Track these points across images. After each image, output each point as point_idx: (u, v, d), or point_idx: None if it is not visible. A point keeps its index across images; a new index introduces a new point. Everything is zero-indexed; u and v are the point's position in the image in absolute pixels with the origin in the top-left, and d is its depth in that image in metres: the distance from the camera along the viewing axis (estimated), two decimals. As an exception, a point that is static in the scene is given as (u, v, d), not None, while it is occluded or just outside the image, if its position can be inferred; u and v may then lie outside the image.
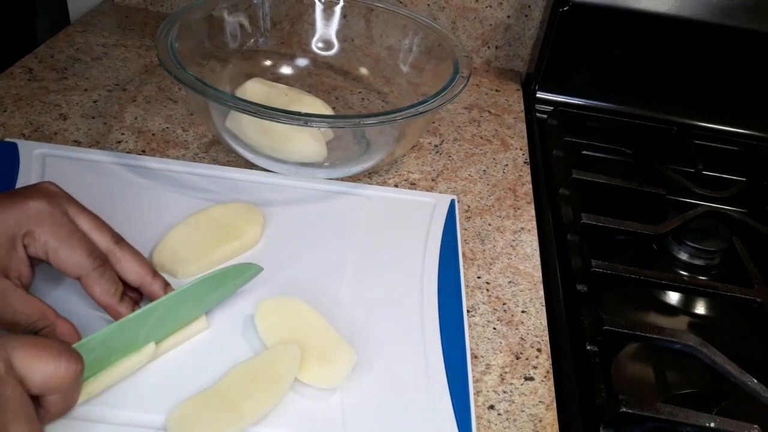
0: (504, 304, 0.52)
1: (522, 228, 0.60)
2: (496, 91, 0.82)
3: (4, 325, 0.39)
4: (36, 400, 0.33)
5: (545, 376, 0.46)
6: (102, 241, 0.42)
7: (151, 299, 0.43)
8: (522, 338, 0.49)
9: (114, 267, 0.43)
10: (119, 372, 0.40)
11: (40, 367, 0.33)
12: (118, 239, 0.43)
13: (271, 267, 0.49)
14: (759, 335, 0.55)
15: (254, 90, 0.61)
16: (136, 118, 0.66)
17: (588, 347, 0.48)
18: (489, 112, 0.77)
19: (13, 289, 0.39)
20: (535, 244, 0.58)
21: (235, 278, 0.46)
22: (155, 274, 0.44)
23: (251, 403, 0.38)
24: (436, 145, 0.69)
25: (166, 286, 0.44)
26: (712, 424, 0.42)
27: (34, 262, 0.41)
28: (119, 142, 0.62)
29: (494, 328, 0.49)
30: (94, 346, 0.38)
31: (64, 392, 0.34)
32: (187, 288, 0.42)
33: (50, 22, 0.92)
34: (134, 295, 0.44)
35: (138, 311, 0.40)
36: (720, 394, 0.49)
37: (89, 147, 0.61)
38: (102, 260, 0.41)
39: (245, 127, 0.57)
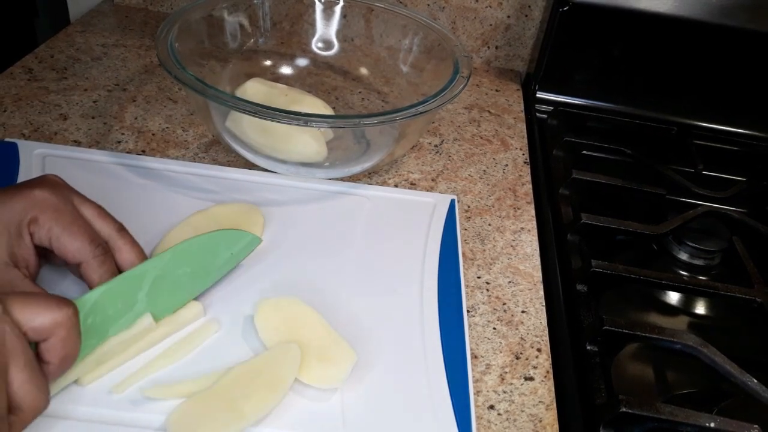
0: (504, 304, 0.52)
1: (522, 228, 0.60)
2: (496, 91, 0.82)
3: None
4: (37, 355, 0.34)
5: (545, 376, 0.46)
6: (104, 228, 0.43)
7: None
8: (522, 338, 0.49)
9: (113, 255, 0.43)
10: (121, 346, 0.40)
11: (33, 310, 0.34)
12: (120, 228, 0.44)
13: (271, 267, 0.50)
14: (759, 335, 0.55)
15: (254, 90, 0.61)
16: (136, 118, 0.66)
17: (588, 347, 0.48)
18: (489, 112, 0.77)
19: (21, 279, 0.40)
20: (535, 244, 0.58)
21: (230, 246, 0.46)
22: None
23: (251, 403, 0.38)
24: (436, 145, 0.69)
25: None
26: (712, 424, 0.42)
27: (40, 253, 0.42)
28: (119, 142, 0.62)
29: (494, 328, 0.49)
30: (90, 305, 0.39)
31: (61, 336, 0.35)
32: (179, 247, 0.43)
33: (50, 22, 0.92)
34: None
35: (132, 269, 0.41)
36: (720, 394, 0.49)
37: (89, 147, 0.61)
38: (103, 249, 0.42)
39: (245, 127, 0.57)
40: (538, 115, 0.78)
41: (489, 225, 0.59)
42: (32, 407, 0.33)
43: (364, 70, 0.73)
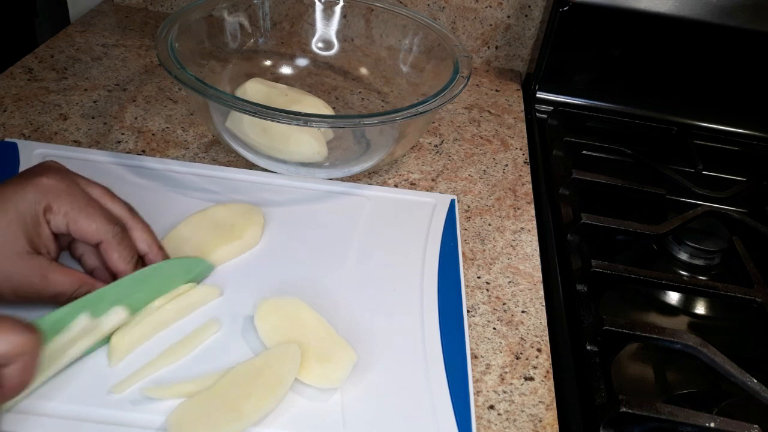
0: (504, 304, 0.52)
1: (522, 228, 0.60)
2: (496, 91, 0.82)
3: (46, 299, 0.40)
4: None
5: (545, 376, 0.46)
6: (116, 209, 0.44)
7: None
8: (522, 338, 0.49)
9: None
10: (64, 347, 0.39)
11: None
12: (130, 208, 0.45)
13: (271, 267, 0.50)
14: (759, 335, 0.55)
15: (254, 90, 0.61)
16: (136, 118, 0.66)
17: (588, 347, 0.48)
18: (489, 112, 0.77)
19: (49, 263, 0.41)
20: (535, 244, 0.58)
21: (186, 273, 0.46)
22: (160, 246, 0.45)
23: (251, 403, 0.38)
24: (436, 145, 0.69)
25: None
26: (712, 424, 0.42)
27: (56, 239, 0.42)
28: (119, 142, 0.62)
29: (494, 328, 0.49)
30: (49, 324, 0.38)
31: (22, 363, 0.34)
32: (137, 275, 0.43)
33: (50, 22, 0.92)
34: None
35: (88, 295, 0.41)
36: (720, 394, 0.49)
37: (89, 147, 0.61)
38: (120, 227, 0.43)
39: (245, 127, 0.57)
40: (538, 115, 0.78)
41: (489, 225, 0.59)
42: None
43: (364, 70, 0.73)
